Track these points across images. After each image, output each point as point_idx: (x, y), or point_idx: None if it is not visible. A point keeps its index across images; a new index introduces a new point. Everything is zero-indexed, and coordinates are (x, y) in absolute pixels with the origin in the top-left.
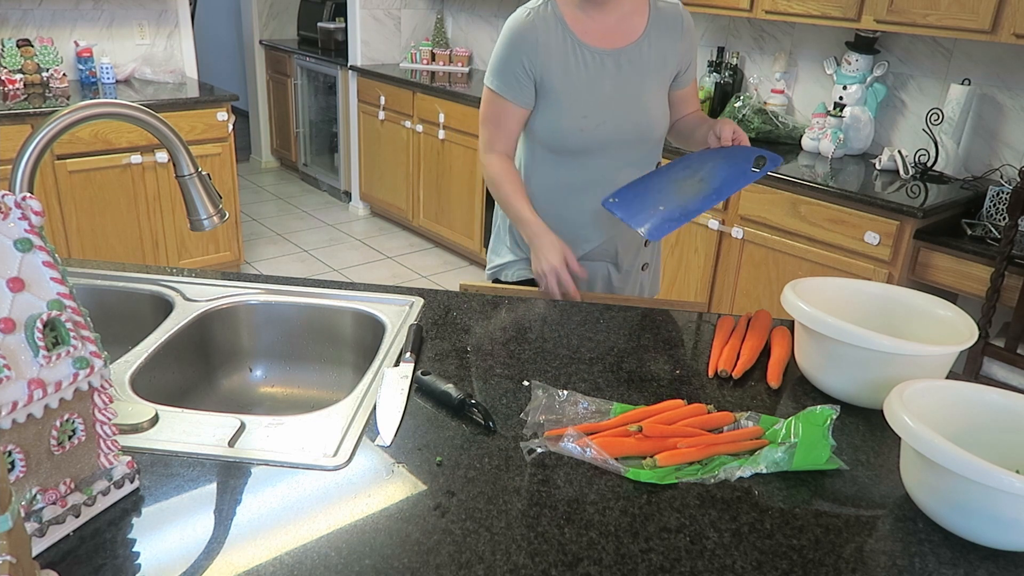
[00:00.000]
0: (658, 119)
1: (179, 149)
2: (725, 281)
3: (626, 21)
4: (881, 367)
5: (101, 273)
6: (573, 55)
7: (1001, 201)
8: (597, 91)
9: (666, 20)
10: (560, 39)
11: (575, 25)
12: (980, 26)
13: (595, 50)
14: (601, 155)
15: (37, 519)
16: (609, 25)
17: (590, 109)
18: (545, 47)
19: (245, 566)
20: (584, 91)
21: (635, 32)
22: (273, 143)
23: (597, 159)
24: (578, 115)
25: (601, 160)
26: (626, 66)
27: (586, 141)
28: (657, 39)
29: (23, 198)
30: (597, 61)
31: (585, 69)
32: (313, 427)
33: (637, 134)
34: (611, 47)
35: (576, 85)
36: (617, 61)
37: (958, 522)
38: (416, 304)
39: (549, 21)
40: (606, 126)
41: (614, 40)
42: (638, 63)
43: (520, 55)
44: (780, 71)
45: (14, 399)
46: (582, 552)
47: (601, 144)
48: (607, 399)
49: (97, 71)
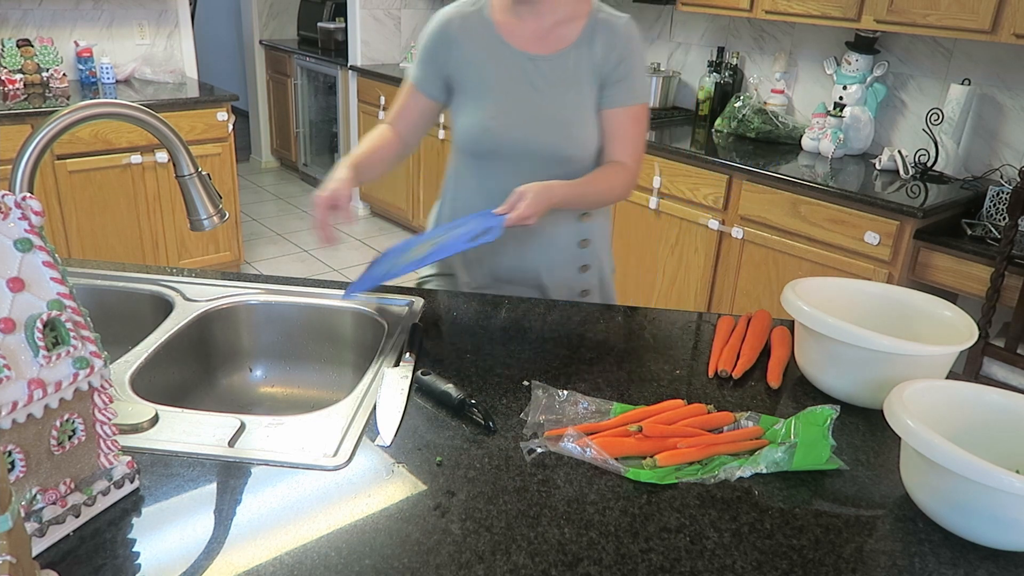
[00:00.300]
0: (578, 137)
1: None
2: (725, 281)
3: (559, 27)
4: (881, 367)
5: (101, 273)
6: (491, 52)
7: (1001, 201)
8: (511, 93)
9: (603, 32)
10: (482, 36)
11: (503, 24)
12: (980, 26)
13: (517, 52)
14: (514, 164)
15: (37, 519)
16: (540, 29)
17: (499, 110)
18: (463, 41)
19: (245, 566)
20: (496, 90)
21: (566, 40)
22: (273, 143)
23: (511, 168)
24: (486, 114)
25: (516, 170)
26: (548, 74)
27: (493, 144)
28: (588, 51)
29: (23, 198)
30: (516, 63)
31: (502, 68)
32: (313, 427)
33: (551, 147)
34: (535, 51)
35: (488, 82)
36: (538, 66)
37: (958, 522)
38: (416, 304)
39: (474, 18)
40: (516, 131)
41: (540, 45)
42: (561, 73)
43: (437, 51)
44: (780, 71)
45: (14, 399)
46: (582, 552)
47: (511, 150)
48: (607, 399)
49: (97, 71)
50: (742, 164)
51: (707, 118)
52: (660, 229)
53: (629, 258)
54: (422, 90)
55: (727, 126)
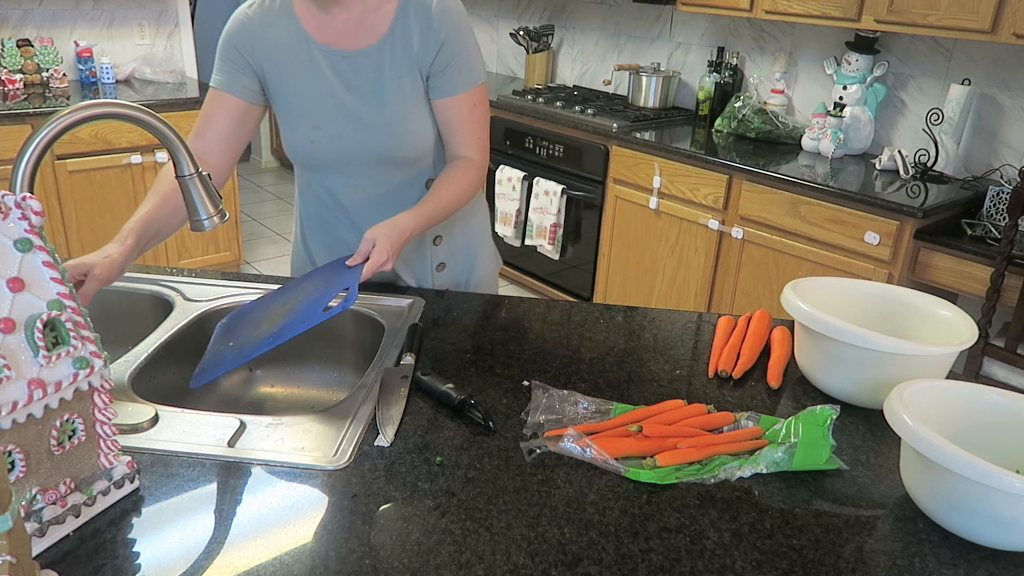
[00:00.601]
0: (407, 137)
1: (179, 149)
2: (725, 281)
3: (369, 17)
4: (881, 367)
5: None
6: (300, 54)
7: (1001, 201)
8: (329, 99)
9: (417, 15)
10: (286, 34)
11: (307, 19)
12: (980, 26)
13: (328, 50)
14: (350, 173)
15: (37, 519)
16: (349, 21)
17: (321, 120)
18: (268, 41)
19: (245, 566)
20: (313, 98)
21: (377, 31)
22: (273, 143)
23: (348, 178)
24: (308, 125)
25: (353, 179)
26: (365, 71)
27: (322, 156)
28: (403, 39)
29: (23, 198)
30: (329, 63)
31: (314, 71)
32: (313, 427)
33: (385, 150)
34: (348, 48)
35: (303, 90)
36: (353, 64)
37: (958, 522)
38: (416, 304)
39: (276, 13)
40: (342, 140)
41: (352, 39)
42: (380, 67)
43: (236, 45)
44: (780, 71)
45: (14, 399)
46: (582, 552)
47: (341, 161)
48: (607, 399)
49: (97, 71)
50: (742, 164)
51: (707, 118)
52: (660, 229)
53: (629, 258)
54: (233, 91)
55: (727, 126)
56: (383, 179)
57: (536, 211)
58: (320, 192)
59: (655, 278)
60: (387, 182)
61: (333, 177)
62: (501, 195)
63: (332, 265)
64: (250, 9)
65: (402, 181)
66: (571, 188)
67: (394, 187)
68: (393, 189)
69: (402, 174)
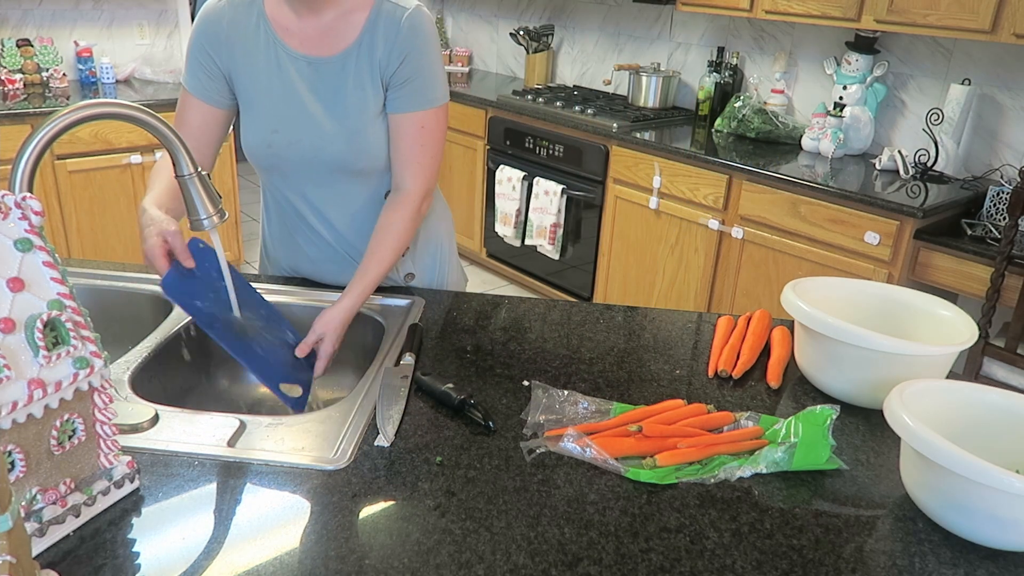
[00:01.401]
0: (366, 148)
1: (179, 149)
2: (725, 281)
3: (340, 23)
4: (881, 367)
5: (101, 273)
6: (267, 56)
7: (1001, 201)
8: (292, 103)
9: (384, 25)
10: (255, 34)
11: (278, 21)
12: (980, 26)
13: (295, 55)
14: (305, 178)
15: (37, 519)
16: (320, 27)
17: (281, 123)
18: (236, 40)
19: (245, 566)
20: (276, 101)
21: (346, 39)
22: None
23: (303, 182)
24: (267, 128)
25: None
26: (329, 79)
27: (279, 160)
28: (370, 49)
29: (23, 198)
30: (295, 68)
31: (279, 75)
32: (313, 427)
33: (342, 159)
34: (315, 54)
35: (267, 92)
36: (319, 71)
37: (958, 522)
38: (416, 304)
39: (245, 11)
40: (300, 146)
41: (320, 46)
42: (342, 78)
43: (205, 46)
44: (780, 71)
45: (14, 399)
46: (582, 552)
47: (297, 167)
48: (607, 399)
49: (97, 71)
50: (742, 164)
51: (707, 118)
52: (660, 229)
53: (629, 258)
54: (202, 96)
55: (727, 126)
56: (340, 188)
57: (536, 211)
58: (279, 197)
59: (655, 278)
60: (345, 192)
61: (290, 182)
62: (501, 195)
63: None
64: (219, 5)
65: (360, 192)
66: (571, 188)
67: (351, 197)
68: (350, 199)
69: (359, 185)
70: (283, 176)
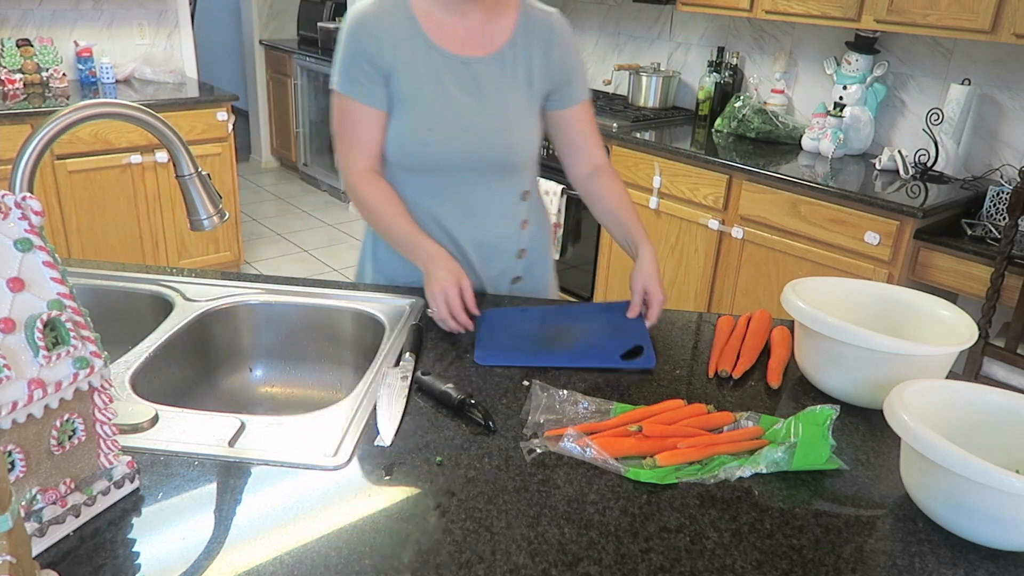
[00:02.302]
0: (521, 142)
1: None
2: (725, 281)
3: (490, 25)
4: (881, 367)
5: (101, 273)
6: (422, 58)
7: (1001, 201)
8: (448, 103)
9: (535, 28)
10: (409, 37)
11: (428, 24)
12: (980, 26)
13: (449, 56)
14: (453, 178)
15: (37, 519)
16: (470, 29)
17: (437, 122)
18: (392, 43)
19: (245, 566)
20: (432, 101)
21: (499, 39)
22: (273, 143)
23: (449, 183)
24: (423, 128)
25: (454, 185)
26: (485, 78)
27: (431, 159)
28: (524, 49)
29: (23, 198)
30: (451, 69)
31: (435, 76)
32: (313, 427)
33: (494, 157)
34: (469, 54)
35: (423, 93)
36: (474, 71)
37: (958, 522)
38: (416, 304)
39: (397, 15)
40: (455, 144)
41: (473, 47)
42: (500, 75)
43: (364, 50)
44: (780, 71)
45: (14, 399)
46: (582, 552)
47: (450, 164)
48: (607, 399)
49: (97, 71)
50: (742, 164)
51: (707, 118)
52: (660, 229)
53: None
54: (370, 103)
55: (727, 126)
56: (482, 187)
57: None
58: (413, 195)
59: None
60: (485, 189)
61: (432, 180)
62: None
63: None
64: (371, 7)
65: (499, 189)
66: (571, 188)
67: (490, 196)
68: (488, 198)
69: (501, 182)
70: (431, 176)
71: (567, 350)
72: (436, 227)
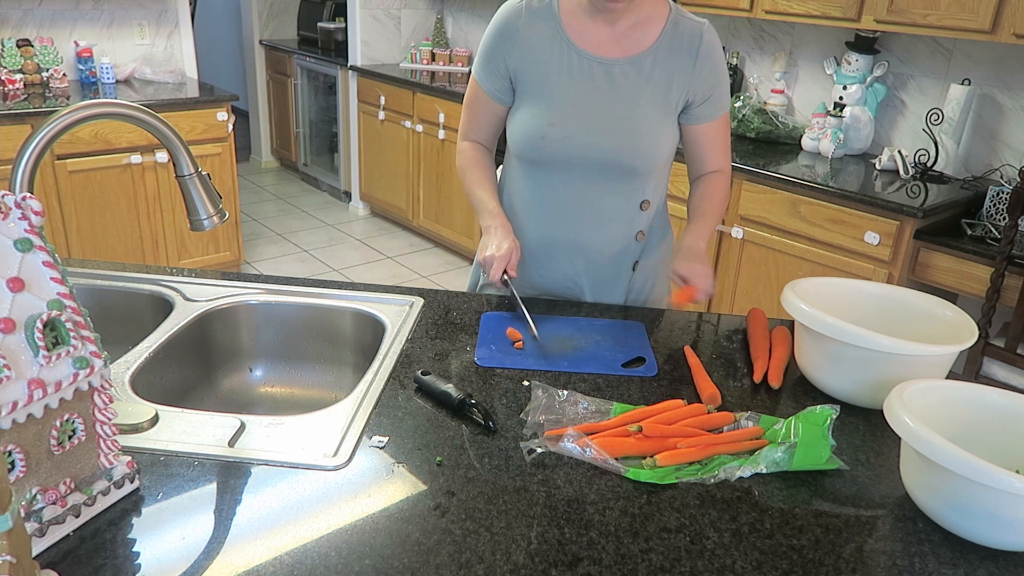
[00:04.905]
0: (646, 148)
1: (179, 149)
2: (725, 281)
3: (635, 31)
4: (881, 367)
5: (101, 273)
6: (558, 55)
7: (1001, 201)
8: (573, 99)
9: (682, 38)
10: (549, 36)
11: (572, 24)
12: (980, 26)
13: (586, 55)
14: (573, 174)
15: (37, 519)
16: (613, 34)
17: (559, 117)
18: (528, 41)
19: (245, 566)
20: (558, 96)
21: (641, 44)
22: (273, 143)
23: (568, 178)
24: (543, 121)
25: (574, 181)
26: (620, 80)
27: (550, 153)
28: (666, 57)
29: (23, 198)
30: (585, 68)
31: (567, 73)
32: (313, 427)
33: (615, 160)
34: (606, 55)
35: (551, 87)
36: (609, 72)
37: (958, 522)
38: (416, 304)
39: (542, 14)
40: (574, 140)
41: (613, 49)
42: (635, 79)
43: (500, 46)
44: (780, 71)
45: (14, 399)
46: (582, 552)
47: (568, 161)
48: (607, 399)
49: (97, 71)
50: (742, 164)
51: None
52: None
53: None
54: (492, 95)
55: None
56: (601, 188)
57: None
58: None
59: None
60: (603, 192)
61: (550, 175)
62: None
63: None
64: (518, 6)
65: (617, 193)
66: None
67: (607, 199)
68: (604, 201)
69: (621, 186)
70: (551, 170)
71: (568, 360)
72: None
